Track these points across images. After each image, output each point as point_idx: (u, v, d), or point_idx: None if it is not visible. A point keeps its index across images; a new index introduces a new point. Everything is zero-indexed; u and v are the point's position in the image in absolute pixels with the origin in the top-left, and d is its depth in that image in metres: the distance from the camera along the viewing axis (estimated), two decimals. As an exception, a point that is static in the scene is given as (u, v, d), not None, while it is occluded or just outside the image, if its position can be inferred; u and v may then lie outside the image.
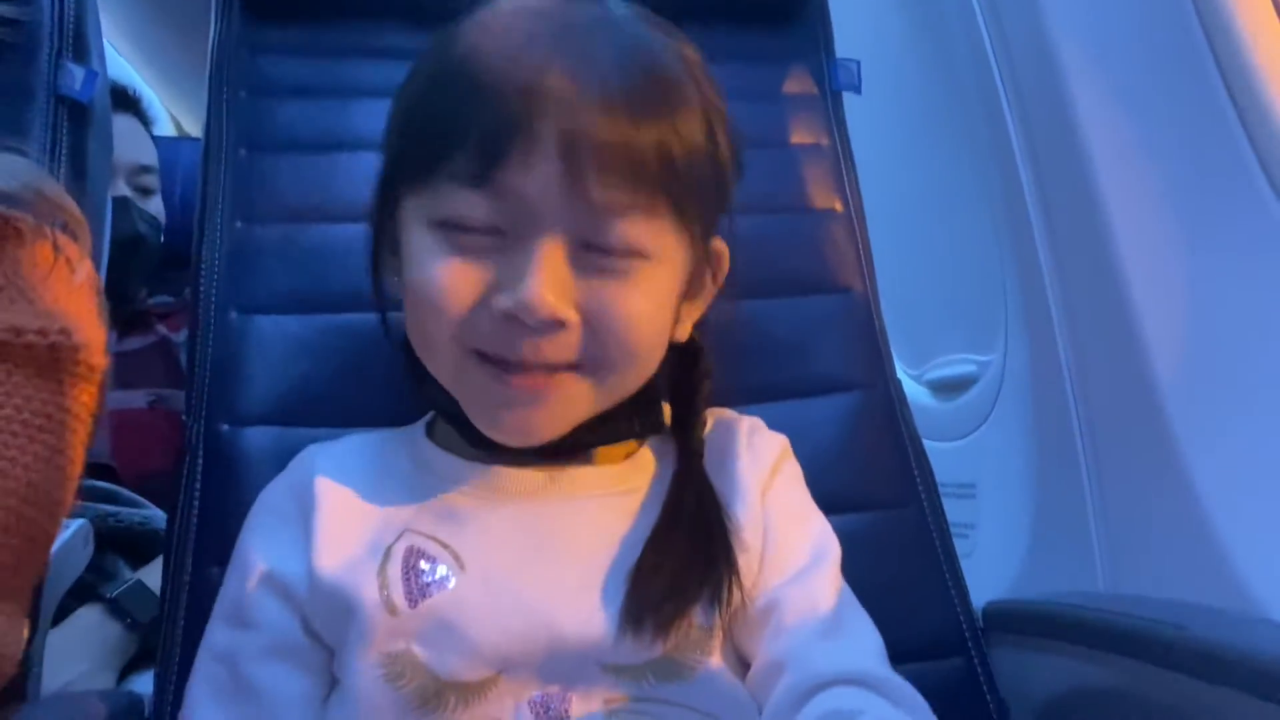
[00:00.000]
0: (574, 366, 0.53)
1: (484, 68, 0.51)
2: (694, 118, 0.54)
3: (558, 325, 0.51)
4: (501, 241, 0.52)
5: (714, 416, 0.63)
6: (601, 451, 0.60)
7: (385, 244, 0.59)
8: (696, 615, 0.53)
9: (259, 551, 0.56)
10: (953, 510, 0.78)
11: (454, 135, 0.51)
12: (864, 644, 0.55)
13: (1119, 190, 0.83)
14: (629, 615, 0.51)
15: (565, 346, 0.52)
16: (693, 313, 0.61)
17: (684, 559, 0.53)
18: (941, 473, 0.78)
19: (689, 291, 0.59)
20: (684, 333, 0.60)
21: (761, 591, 0.55)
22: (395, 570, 0.53)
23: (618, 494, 0.58)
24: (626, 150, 0.50)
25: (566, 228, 0.51)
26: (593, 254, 0.52)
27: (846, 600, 0.57)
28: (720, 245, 0.61)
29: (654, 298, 0.54)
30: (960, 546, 0.76)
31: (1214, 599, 0.74)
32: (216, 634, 0.56)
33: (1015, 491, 0.99)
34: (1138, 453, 0.84)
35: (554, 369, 0.53)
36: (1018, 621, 0.70)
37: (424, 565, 0.53)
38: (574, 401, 0.54)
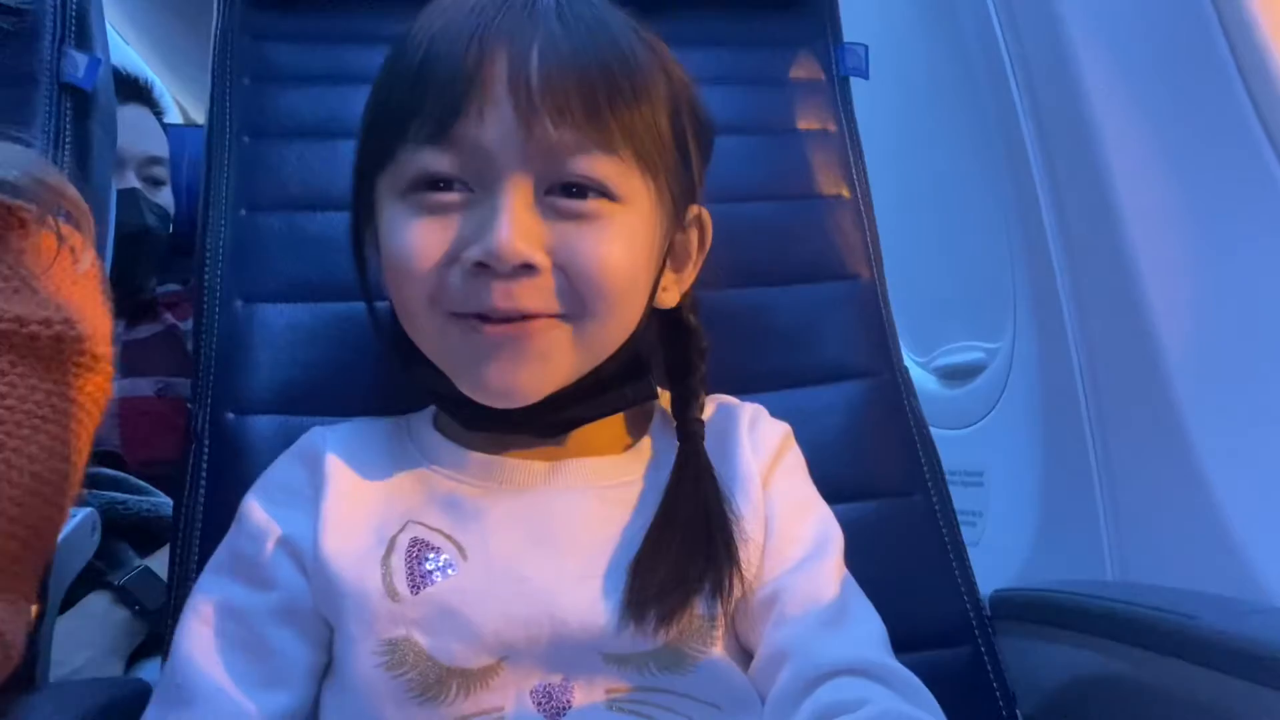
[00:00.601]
0: (551, 317, 0.53)
1: (435, 37, 0.53)
2: (646, 69, 0.55)
3: (529, 270, 0.51)
4: (468, 198, 0.53)
5: (716, 402, 0.63)
6: (601, 441, 0.59)
7: (367, 236, 0.59)
8: (699, 605, 0.52)
9: (272, 516, 0.56)
10: (960, 498, 0.78)
11: (412, 104, 0.53)
12: (867, 633, 0.55)
13: (1129, 176, 0.83)
14: (631, 606, 0.51)
15: (539, 290, 0.52)
16: (680, 282, 0.61)
17: (685, 549, 0.53)
18: (949, 460, 0.78)
19: (672, 258, 0.59)
20: (670, 300, 0.61)
21: (764, 581, 0.55)
22: (399, 560, 0.53)
23: (619, 485, 0.58)
24: (577, 87, 0.51)
25: (529, 173, 0.52)
26: (559, 198, 0.53)
27: (850, 589, 0.57)
28: (701, 211, 0.62)
29: (624, 243, 0.54)
30: (967, 535, 0.76)
31: (1224, 588, 0.73)
32: (223, 587, 0.55)
33: (1023, 479, 0.98)
34: (1147, 440, 0.84)
35: (530, 317, 0.53)
36: (1025, 610, 0.70)
37: (428, 555, 0.53)
38: (553, 351, 0.54)
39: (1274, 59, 0.78)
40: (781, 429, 0.63)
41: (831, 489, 0.63)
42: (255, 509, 0.57)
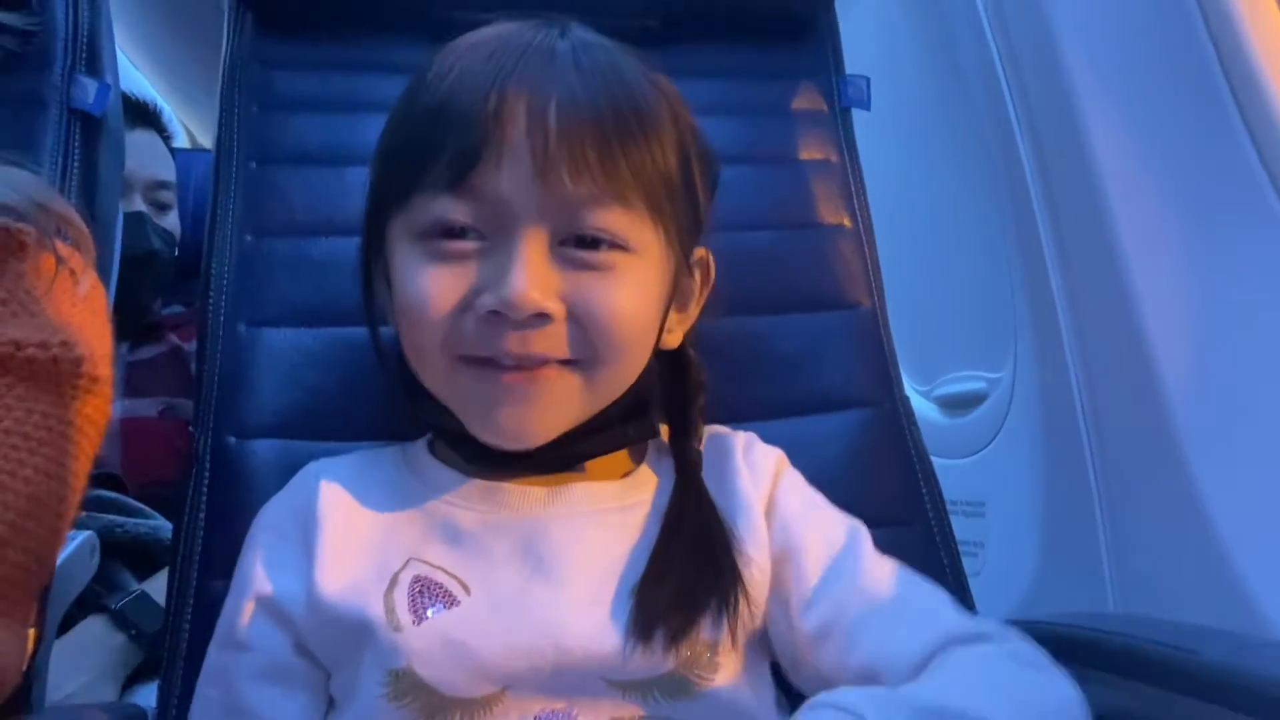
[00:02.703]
0: (562, 363, 0.54)
1: (453, 83, 0.54)
2: (658, 116, 0.55)
3: (543, 318, 0.52)
4: (483, 246, 0.53)
5: (708, 432, 0.63)
6: (600, 468, 0.60)
7: (377, 272, 0.60)
8: (705, 628, 0.52)
9: (257, 571, 0.56)
10: (961, 528, 0.78)
11: (429, 149, 0.53)
12: (940, 606, 0.55)
13: (1129, 207, 0.83)
14: (638, 627, 0.51)
15: (552, 338, 0.53)
16: (683, 322, 0.62)
17: (689, 569, 0.54)
18: (950, 490, 0.77)
19: (676, 300, 0.60)
20: (674, 340, 0.61)
21: (806, 599, 0.55)
22: (401, 595, 0.53)
23: (619, 509, 0.58)
24: (594, 141, 0.52)
25: (544, 223, 0.52)
26: (573, 249, 0.53)
27: (899, 574, 0.57)
28: (705, 254, 0.63)
29: (636, 292, 0.54)
30: (969, 565, 0.75)
31: (1226, 620, 0.73)
32: (212, 656, 0.57)
33: (1025, 510, 0.98)
34: (1148, 471, 0.83)
35: (542, 363, 0.53)
36: (1026, 642, 0.69)
37: (431, 592, 0.53)
38: (564, 397, 0.55)
39: (1273, 96, 0.78)
40: (775, 453, 0.63)
41: (832, 518, 0.63)
42: (244, 564, 0.57)
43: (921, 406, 1.17)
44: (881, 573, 0.56)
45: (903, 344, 0.82)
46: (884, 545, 0.72)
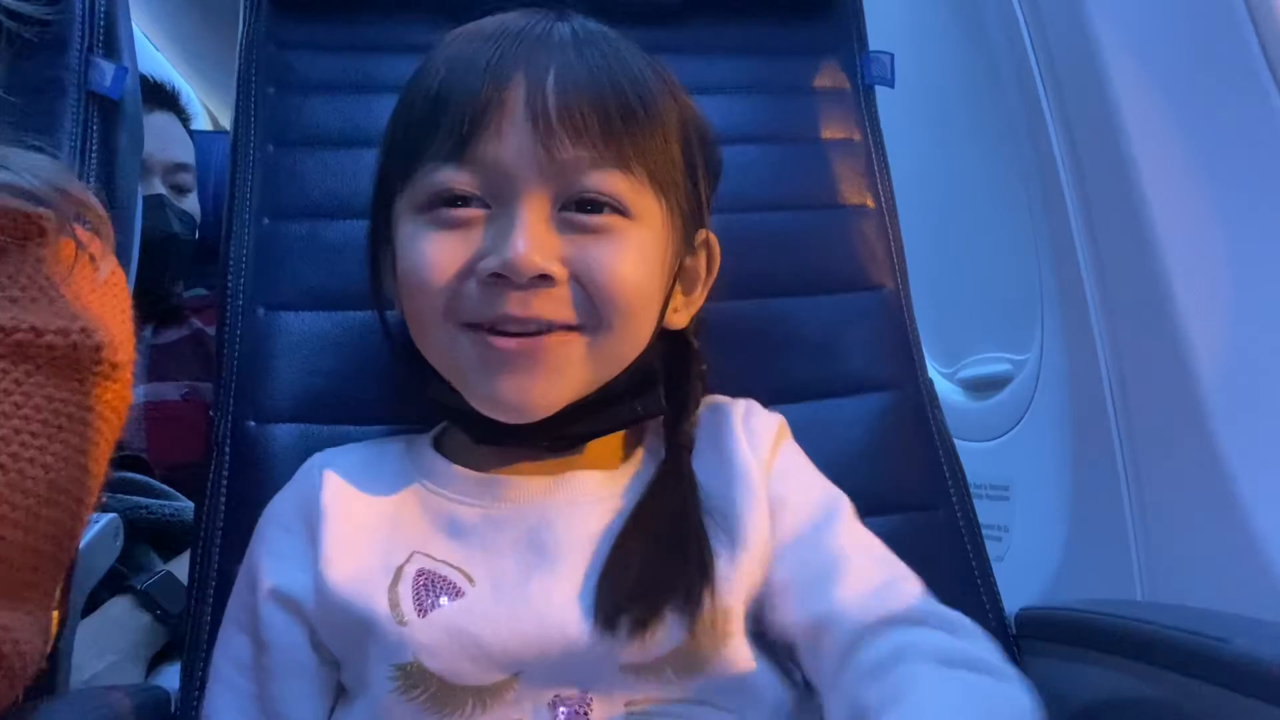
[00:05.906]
0: (567, 329, 0.54)
1: (454, 64, 0.55)
2: (659, 97, 0.56)
3: (545, 280, 0.52)
4: (485, 214, 0.54)
5: (706, 404, 0.63)
6: (600, 455, 0.59)
7: (384, 257, 0.60)
8: (669, 614, 0.51)
9: (267, 566, 0.56)
10: (986, 512, 0.77)
11: (431, 126, 0.54)
12: (894, 582, 0.53)
13: (1160, 184, 0.81)
14: (601, 617, 0.51)
15: (555, 300, 0.53)
16: (690, 304, 0.62)
17: (653, 556, 0.52)
18: (974, 474, 0.77)
19: (682, 280, 0.60)
20: (680, 321, 0.61)
21: (779, 555, 0.55)
22: (405, 589, 0.53)
23: (612, 497, 0.57)
24: (593, 109, 0.53)
25: (545, 189, 0.53)
26: (574, 213, 0.54)
27: (871, 547, 0.56)
28: (710, 236, 0.62)
29: (637, 257, 0.55)
30: (993, 550, 0.75)
31: (1257, 610, 0.71)
32: (237, 643, 0.57)
33: (1050, 494, 0.97)
34: (1178, 455, 0.82)
35: (546, 329, 0.53)
36: (1051, 629, 0.68)
37: (435, 585, 0.53)
38: (567, 365, 0.54)
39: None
40: (776, 419, 0.62)
41: (854, 502, 0.62)
42: (254, 557, 0.58)
43: (945, 389, 1.16)
44: (852, 539, 0.56)
45: (926, 326, 0.81)
46: (907, 530, 0.72)
